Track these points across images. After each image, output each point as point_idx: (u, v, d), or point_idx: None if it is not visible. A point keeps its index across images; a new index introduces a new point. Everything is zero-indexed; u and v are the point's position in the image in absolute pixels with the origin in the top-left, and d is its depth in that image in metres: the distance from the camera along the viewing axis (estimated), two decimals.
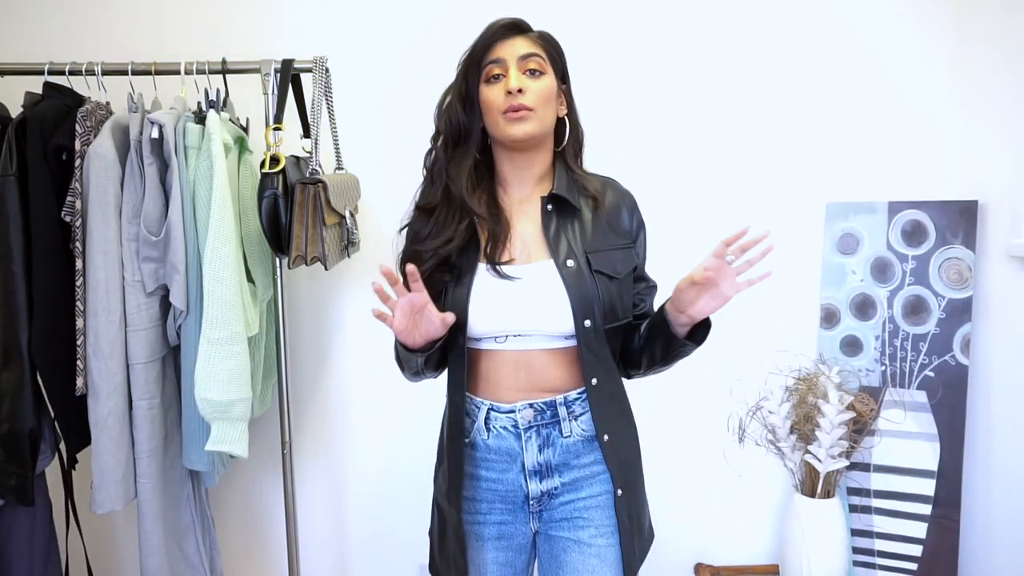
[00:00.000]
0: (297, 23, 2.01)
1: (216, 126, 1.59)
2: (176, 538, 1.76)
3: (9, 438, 1.56)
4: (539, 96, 1.23)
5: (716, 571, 2.10)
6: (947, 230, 1.96)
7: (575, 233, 1.26)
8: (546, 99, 1.24)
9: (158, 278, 1.61)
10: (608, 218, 1.30)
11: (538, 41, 1.27)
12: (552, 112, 1.27)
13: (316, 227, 1.60)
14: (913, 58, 2.02)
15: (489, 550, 1.31)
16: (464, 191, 1.26)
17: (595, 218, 1.28)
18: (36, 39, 1.96)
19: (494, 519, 1.30)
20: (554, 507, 1.29)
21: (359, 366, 2.12)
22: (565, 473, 1.28)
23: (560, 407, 1.26)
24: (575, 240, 1.26)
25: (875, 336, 2.03)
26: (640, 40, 2.04)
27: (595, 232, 1.28)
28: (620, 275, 1.27)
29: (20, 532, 1.72)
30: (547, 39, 1.29)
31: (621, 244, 1.30)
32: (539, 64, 1.24)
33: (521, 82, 1.22)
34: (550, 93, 1.25)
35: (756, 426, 2.01)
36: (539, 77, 1.24)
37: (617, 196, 1.32)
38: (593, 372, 1.25)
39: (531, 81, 1.23)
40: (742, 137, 2.05)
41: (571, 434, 1.27)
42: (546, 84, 1.25)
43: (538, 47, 1.26)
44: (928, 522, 1.96)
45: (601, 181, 1.33)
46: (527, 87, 1.22)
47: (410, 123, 2.04)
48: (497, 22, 1.27)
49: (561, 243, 1.25)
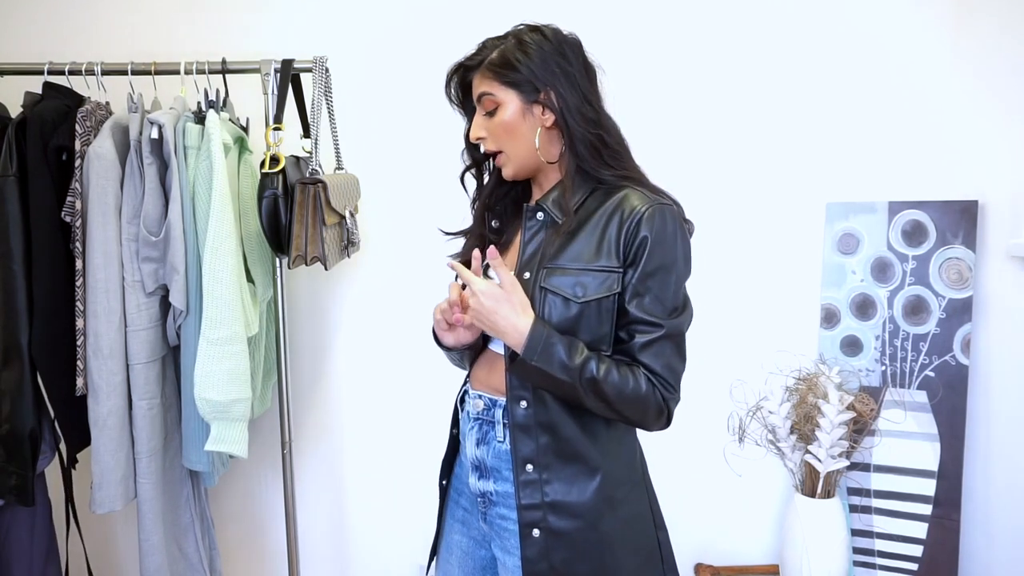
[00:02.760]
0: (297, 23, 2.01)
1: (216, 126, 1.59)
2: (176, 538, 1.76)
3: (9, 438, 1.57)
4: (498, 136, 1.18)
5: (716, 571, 2.10)
6: (947, 230, 1.96)
7: (548, 246, 1.16)
8: (507, 133, 1.17)
9: (158, 278, 1.61)
10: (595, 235, 1.14)
11: (489, 72, 1.17)
12: (521, 141, 1.17)
13: (316, 227, 1.60)
14: (913, 58, 2.02)
15: (455, 532, 1.33)
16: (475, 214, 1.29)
17: (579, 233, 1.15)
18: (36, 39, 1.97)
19: (463, 503, 1.32)
20: (492, 516, 1.23)
21: (359, 366, 2.12)
22: (499, 481, 1.21)
23: (498, 409, 1.20)
24: (544, 253, 1.16)
25: (875, 336, 2.02)
26: (640, 41, 2.04)
27: (569, 248, 1.14)
28: (580, 299, 1.11)
29: (20, 532, 1.72)
30: (498, 63, 1.17)
31: (602, 267, 1.12)
32: (490, 101, 1.17)
33: (477, 130, 1.20)
34: (510, 125, 1.17)
35: (756, 426, 2.01)
36: (496, 115, 1.18)
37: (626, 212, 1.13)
38: (519, 393, 1.15)
39: (488, 122, 1.18)
40: (742, 137, 2.05)
41: (504, 440, 1.20)
42: (502, 119, 1.16)
43: (487, 81, 1.17)
44: (928, 522, 1.96)
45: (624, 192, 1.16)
46: (486, 131, 1.19)
47: (410, 123, 2.05)
48: (449, 70, 1.23)
49: (529, 254, 1.18)
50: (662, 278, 1.12)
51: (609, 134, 1.20)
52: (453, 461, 1.34)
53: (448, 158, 2.05)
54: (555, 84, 1.16)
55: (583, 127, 1.17)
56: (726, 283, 2.09)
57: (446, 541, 1.35)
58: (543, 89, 1.16)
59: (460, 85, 1.24)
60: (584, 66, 1.22)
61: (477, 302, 1.10)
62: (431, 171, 2.06)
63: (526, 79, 1.16)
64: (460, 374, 1.36)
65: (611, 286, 1.12)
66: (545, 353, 1.08)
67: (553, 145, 1.19)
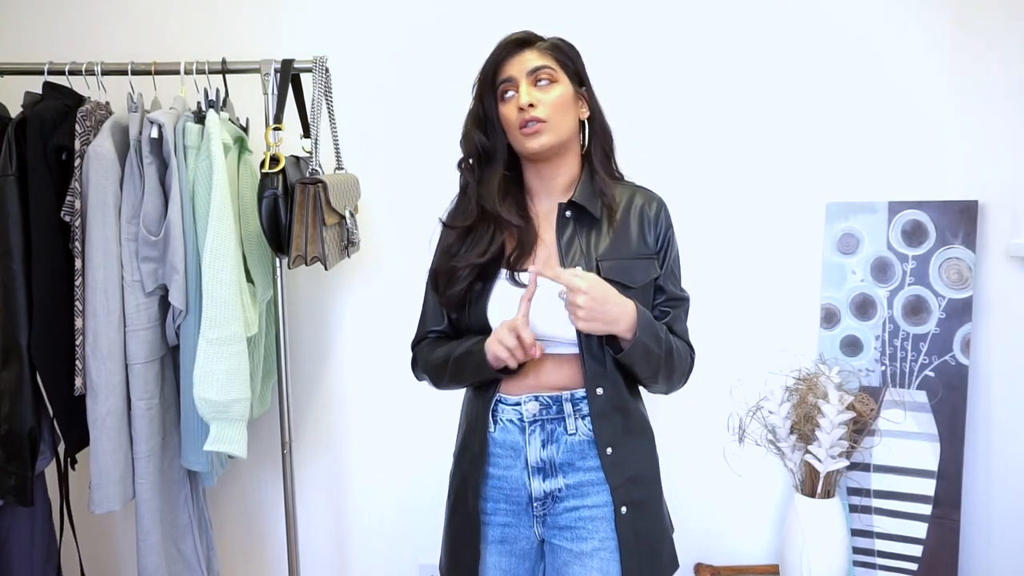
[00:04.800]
0: (297, 23, 2.01)
1: (215, 126, 1.58)
2: (174, 538, 1.75)
3: (8, 438, 1.56)
4: (551, 106, 1.25)
5: (716, 571, 2.10)
6: (947, 230, 1.96)
7: (591, 241, 1.26)
8: (560, 108, 1.25)
9: (157, 278, 1.61)
10: (631, 226, 1.29)
11: (547, 51, 1.28)
12: (569, 119, 1.28)
13: (316, 227, 1.60)
14: (913, 58, 2.02)
15: (492, 554, 1.30)
16: (497, 206, 1.29)
17: (616, 225, 1.28)
18: (36, 39, 1.96)
19: (498, 520, 1.30)
20: (558, 512, 1.27)
21: (359, 366, 2.12)
22: (570, 474, 1.26)
23: (566, 403, 1.26)
24: (590, 248, 1.26)
25: (875, 336, 2.02)
26: (641, 41, 2.04)
27: (614, 240, 1.27)
28: (636, 285, 1.26)
29: (20, 532, 1.72)
30: (557, 47, 1.29)
31: (643, 253, 1.28)
32: (549, 75, 1.26)
33: (531, 96, 1.24)
34: (564, 101, 1.26)
35: (756, 426, 2.01)
36: (550, 87, 1.25)
37: (644, 204, 1.31)
38: (598, 381, 1.25)
39: (542, 93, 1.25)
40: (742, 137, 2.05)
41: (576, 432, 1.26)
42: (558, 93, 1.26)
43: (547, 58, 1.27)
44: (928, 522, 1.96)
45: (631, 188, 1.33)
46: (538, 100, 1.24)
47: (410, 123, 2.05)
48: (505, 40, 1.30)
49: (573, 250, 1.26)
50: (677, 259, 1.34)
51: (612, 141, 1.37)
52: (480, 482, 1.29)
53: (448, 158, 2.05)
54: (589, 85, 1.33)
55: (602, 130, 1.34)
56: (726, 283, 2.09)
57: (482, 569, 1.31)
58: (586, 84, 1.32)
59: (516, 43, 1.29)
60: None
61: (588, 300, 1.14)
62: (431, 171, 2.06)
63: (576, 71, 1.31)
64: None
65: (653, 271, 1.29)
66: (651, 329, 1.22)
67: (579, 136, 1.33)
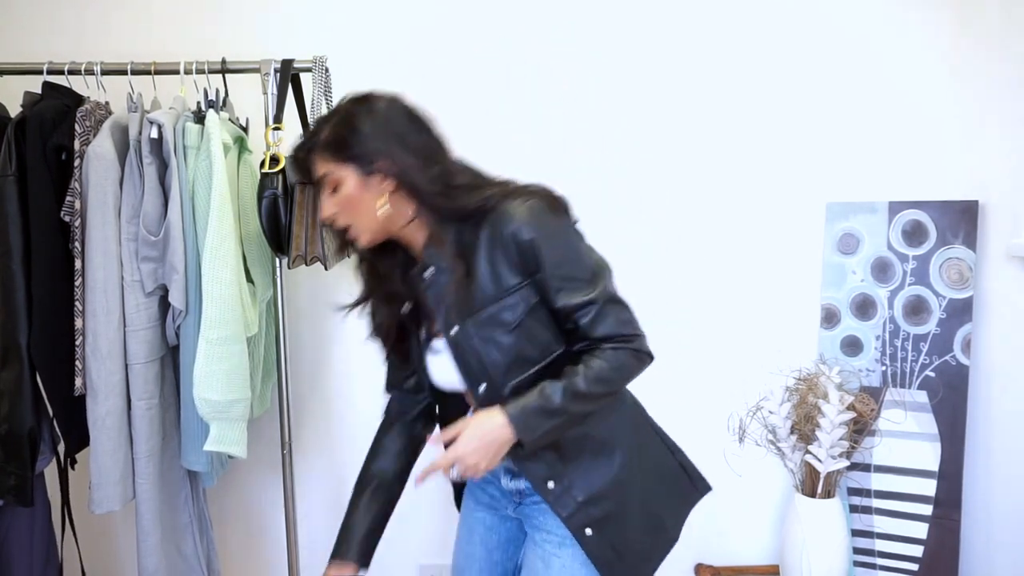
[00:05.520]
0: (297, 23, 2.01)
1: (215, 126, 1.58)
2: (174, 538, 1.75)
3: (8, 438, 1.56)
4: (344, 210, 1.19)
5: (716, 571, 2.10)
6: (947, 230, 1.96)
7: (457, 296, 1.18)
8: (354, 206, 1.18)
9: (157, 278, 1.61)
10: (485, 266, 1.17)
11: (322, 153, 1.19)
12: (368, 209, 1.18)
13: (316, 227, 1.60)
14: (913, 58, 2.01)
15: (480, 510, 1.37)
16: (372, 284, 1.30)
17: (474, 270, 1.17)
18: (36, 39, 1.96)
19: (490, 491, 1.36)
20: (529, 504, 1.30)
21: (359, 366, 2.11)
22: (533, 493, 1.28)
23: None
24: (457, 304, 1.18)
25: (875, 336, 2.02)
26: (641, 41, 2.04)
27: (476, 288, 1.17)
28: (514, 323, 1.16)
29: (20, 532, 1.72)
30: (330, 142, 1.18)
31: (507, 289, 1.16)
32: (331, 181, 1.19)
33: (325, 209, 1.20)
34: (354, 199, 1.17)
35: (756, 426, 2.01)
36: (337, 191, 1.19)
37: (493, 234, 1.15)
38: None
39: (334, 200, 1.19)
40: (742, 137, 2.05)
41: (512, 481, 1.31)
42: (344, 194, 1.17)
43: (324, 161, 1.19)
44: (929, 522, 1.96)
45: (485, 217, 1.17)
46: (332, 211, 1.20)
47: None
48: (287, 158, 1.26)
49: (443, 311, 1.20)
50: (568, 264, 1.17)
51: (458, 175, 1.20)
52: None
53: None
54: (388, 152, 1.16)
55: (428, 183, 1.17)
56: (727, 283, 2.09)
57: (467, 521, 1.38)
58: (377, 160, 1.16)
59: (301, 169, 1.24)
60: (414, 122, 1.21)
61: (471, 455, 1.12)
62: None
63: (358, 153, 1.17)
64: None
65: (530, 298, 1.17)
66: (531, 422, 1.13)
67: (405, 205, 1.19)
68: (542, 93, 2.04)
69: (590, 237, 1.23)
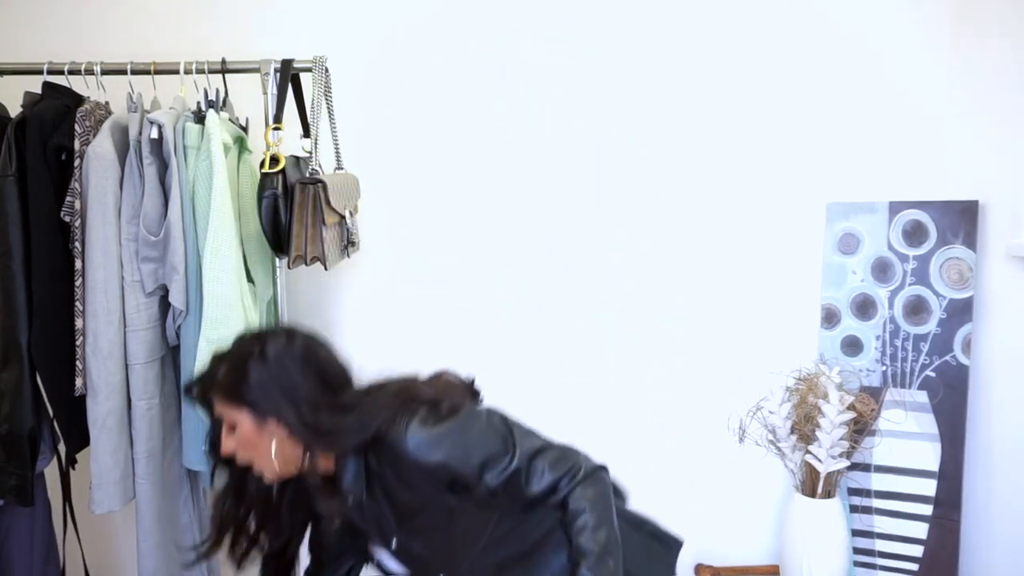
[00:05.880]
0: (297, 23, 2.01)
1: (215, 126, 1.58)
2: (174, 538, 1.75)
3: (9, 438, 1.56)
4: (244, 450, 1.20)
5: (716, 571, 2.10)
6: (948, 230, 1.96)
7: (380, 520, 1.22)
8: (252, 447, 1.19)
9: (157, 278, 1.61)
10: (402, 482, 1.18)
11: (218, 395, 1.21)
12: (266, 451, 1.19)
13: (316, 227, 1.59)
14: (913, 58, 2.01)
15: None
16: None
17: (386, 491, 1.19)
18: (36, 39, 1.96)
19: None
20: None
21: (359, 366, 2.11)
22: None
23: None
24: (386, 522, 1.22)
25: (876, 336, 2.02)
26: (641, 40, 2.04)
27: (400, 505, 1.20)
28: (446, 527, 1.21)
29: (20, 532, 1.72)
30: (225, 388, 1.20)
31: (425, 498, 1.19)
32: (229, 422, 1.20)
33: (226, 448, 1.21)
34: (251, 440, 1.19)
35: (756, 426, 2.01)
36: (235, 431, 1.20)
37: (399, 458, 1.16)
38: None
39: (232, 439, 1.20)
40: (742, 137, 2.05)
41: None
42: (242, 436, 1.19)
43: (220, 402, 1.21)
44: (929, 522, 1.96)
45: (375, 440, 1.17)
46: (232, 449, 1.20)
47: (410, 123, 2.05)
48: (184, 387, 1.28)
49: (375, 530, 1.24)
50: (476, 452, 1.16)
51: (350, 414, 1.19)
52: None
53: (447, 158, 2.06)
54: (277, 403, 1.18)
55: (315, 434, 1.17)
56: (727, 283, 2.09)
57: None
58: (268, 409, 1.18)
59: (200, 400, 1.25)
60: (307, 364, 1.22)
61: None
62: (431, 171, 2.06)
63: (250, 401, 1.18)
64: (464, 369, 1.35)
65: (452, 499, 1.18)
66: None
67: (298, 446, 1.19)
68: (541, 92, 2.04)
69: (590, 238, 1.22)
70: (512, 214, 2.07)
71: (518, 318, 2.09)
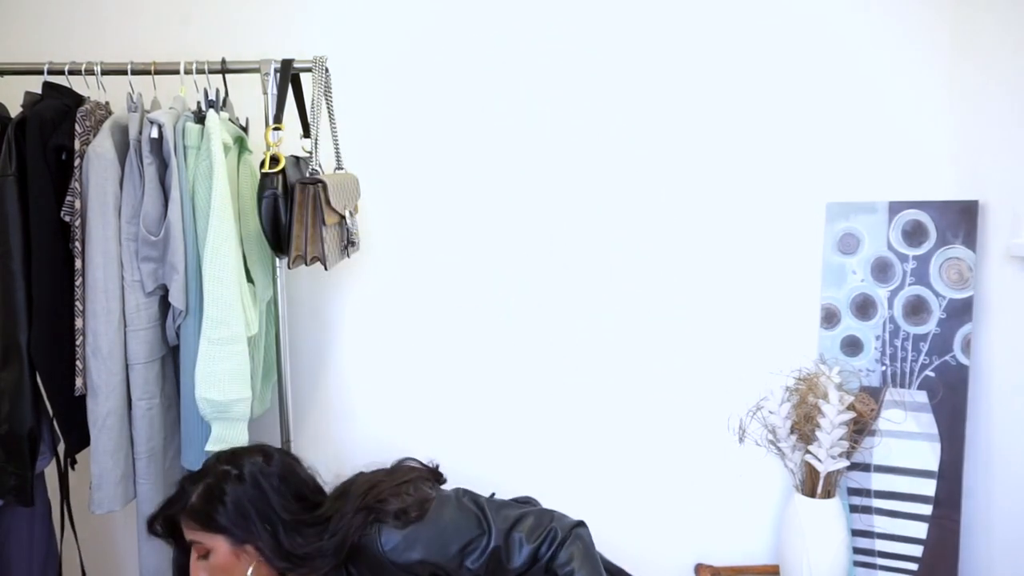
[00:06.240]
0: (296, 23, 2.01)
1: (215, 125, 1.58)
2: None
3: (8, 438, 1.56)
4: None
5: (716, 571, 2.10)
6: (948, 230, 1.96)
7: None
8: (226, 571, 1.18)
9: (157, 278, 1.61)
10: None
11: (191, 520, 1.19)
12: (240, 572, 1.19)
13: (316, 227, 1.59)
14: (913, 58, 2.02)
15: None
16: None
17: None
18: (36, 39, 1.96)
19: None
20: None
21: (359, 366, 2.11)
22: None
23: None
24: None
25: (875, 336, 2.02)
26: (640, 41, 2.04)
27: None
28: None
29: (20, 533, 1.72)
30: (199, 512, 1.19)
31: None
32: (200, 549, 1.19)
33: (196, 574, 1.19)
34: (225, 566, 1.18)
35: (756, 426, 2.01)
36: (207, 557, 1.19)
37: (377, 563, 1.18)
38: None
39: (203, 565, 1.18)
40: (742, 137, 2.05)
41: None
42: (216, 562, 1.18)
43: (193, 528, 1.19)
44: (928, 522, 1.96)
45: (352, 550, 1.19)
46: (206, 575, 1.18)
47: (410, 123, 2.05)
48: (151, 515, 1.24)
49: None
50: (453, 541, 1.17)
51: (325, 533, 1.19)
52: None
53: (447, 158, 2.06)
54: (257, 534, 1.18)
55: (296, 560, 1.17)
56: (726, 283, 2.09)
57: None
58: (247, 541, 1.18)
59: (166, 527, 1.23)
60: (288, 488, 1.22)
61: None
62: (431, 171, 2.06)
63: (228, 526, 1.18)
64: (464, 369, 1.35)
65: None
66: None
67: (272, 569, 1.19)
68: (542, 92, 2.05)
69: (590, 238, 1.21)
70: (512, 214, 2.07)
71: (518, 318, 2.09)
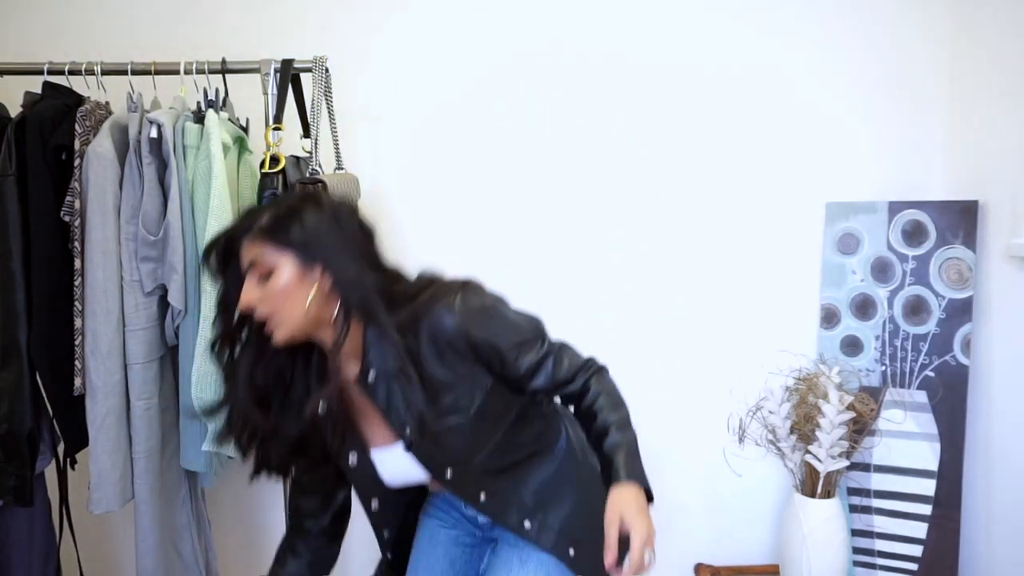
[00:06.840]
0: (297, 23, 2.01)
1: (215, 125, 1.58)
2: (172, 539, 1.75)
3: (8, 438, 1.56)
4: (272, 300, 1.11)
5: (716, 571, 2.10)
6: (947, 230, 1.96)
7: (407, 396, 1.16)
8: (284, 297, 1.10)
9: (156, 278, 1.61)
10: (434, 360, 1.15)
11: (259, 236, 1.11)
12: (299, 302, 1.11)
13: None
14: (913, 57, 2.02)
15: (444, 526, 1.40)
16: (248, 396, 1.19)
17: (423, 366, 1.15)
18: (36, 39, 1.96)
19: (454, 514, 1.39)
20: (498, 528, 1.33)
21: None
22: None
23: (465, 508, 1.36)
24: (408, 405, 1.16)
25: (875, 336, 2.02)
26: (641, 41, 2.04)
27: (427, 385, 1.16)
28: (471, 410, 1.18)
29: (19, 532, 1.72)
30: (271, 226, 1.11)
31: (459, 378, 1.17)
32: (261, 267, 1.11)
33: (248, 299, 1.11)
34: (286, 288, 1.10)
35: (756, 426, 2.01)
36: (269, 279, 1.11)
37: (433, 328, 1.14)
38: (477, 490, 1.25)
39: (261, 289, 1.11)
40: (742, 137, 2.05)
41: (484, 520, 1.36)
42: (278, 283, 1.10)
43: (259, 245, 1.11)
44: (928, 522, 1.96)
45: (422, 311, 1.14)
46: (257, 300, 1.11)
47: (410, 123, 2.05)
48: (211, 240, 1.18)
49: (394, 414, 1.18)
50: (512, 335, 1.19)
51: (392, 284, 1.18)
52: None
53: (447, 158, 2.06)
54: (332, 248, 1.13)
55: (362, 295, 1.13)
56: (726, 283, 2.09)
57: (430, 532, 1.39)
58: (319, 253, 1.12)
59: (223, 254, 1.16)
60: (361, 230, 1.18)
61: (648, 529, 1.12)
62: (431, 170, 2.06)
63: (300, 241, 1.11)
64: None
65: (481, 384, 1.19)
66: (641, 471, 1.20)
67: (330, 304, 1.14)
68: (542, 92, 2.05)
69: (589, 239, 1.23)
70: (512, 213, 2.07)
71: None
